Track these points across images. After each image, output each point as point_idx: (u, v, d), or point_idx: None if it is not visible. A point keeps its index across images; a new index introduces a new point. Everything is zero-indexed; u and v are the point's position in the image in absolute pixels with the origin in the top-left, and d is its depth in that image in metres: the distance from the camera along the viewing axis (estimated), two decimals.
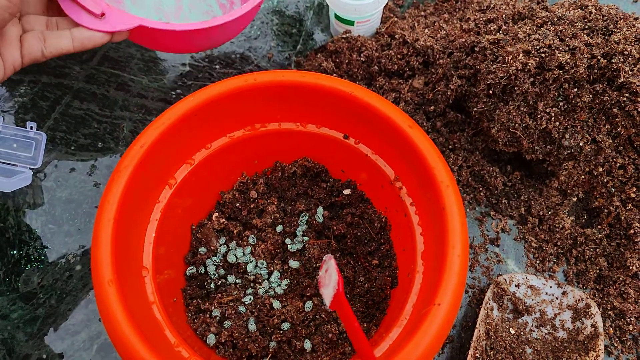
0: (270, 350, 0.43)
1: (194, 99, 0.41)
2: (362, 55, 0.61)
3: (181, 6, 0.61)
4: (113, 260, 0.35)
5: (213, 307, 0.45)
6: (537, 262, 0.55)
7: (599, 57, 0.48)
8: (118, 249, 0.37)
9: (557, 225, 0.56)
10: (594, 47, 0.49)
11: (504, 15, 0.57)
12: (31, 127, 0.58)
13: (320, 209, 0.50)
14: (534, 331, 0.51)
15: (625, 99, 0.48)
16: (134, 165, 0.38)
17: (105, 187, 0.39)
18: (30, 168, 0.58)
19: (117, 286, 0.34)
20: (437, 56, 0.57)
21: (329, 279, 0.36)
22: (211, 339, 0.43)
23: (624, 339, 0.52)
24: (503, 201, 0.58)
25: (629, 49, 0.47)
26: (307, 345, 0.43)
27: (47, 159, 0.60)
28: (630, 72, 0.47)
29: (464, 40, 0.56)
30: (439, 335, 0.33)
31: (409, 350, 0.33)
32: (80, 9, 0.44)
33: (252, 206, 0.50)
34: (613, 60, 0.48)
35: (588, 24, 0.51)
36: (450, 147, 0.58)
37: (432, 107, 0.58)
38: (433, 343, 0.33)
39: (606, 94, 0.49)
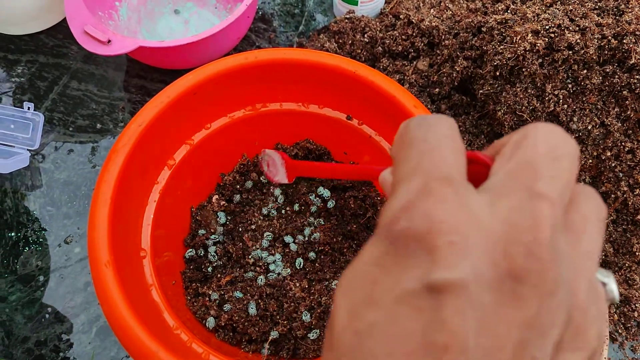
0: (270, 337, 0.42)
1: (194, 76, 0.40)
2: (365, 35, 0.59)
3: (188, 28, 0.66)
4: (110, 242, 0.34)
5: (212, 291, 0.44)
6: None
7: (609, 37, 0.47)
8: (115, 230, 0.36)
9: None
10: (604, 27, 0.47)
11: None
12: (28, 108, 0.57)
13: (321, 189, 0.50)
14: None
15: (636, 81, 0.47)
16: (131, 144, 0.37)
17: (101, 167, 0.38)
18: (27, 149, 0.57)
19: (114, 268, 0.33)
20: (443, 37, 0.56)
21: (274, 166, 0.36)
22: (211, 322, 0.42)
23: (629, 325, 0.51)
24: None
25: None
26: (313, 335, 0.43)
27: (45, 141, 0.59)
28: None
29: (470, 20, 0.55)
30: None
31: None
32: (91, 38, 0.52)
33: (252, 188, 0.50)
34: (624, 41, 0.46)
35: (598, 3, 0.50)
36: None
37: (437, 90, 0.56)
38: None
39: (616, 76, 0.47)
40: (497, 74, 0.51)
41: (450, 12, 0.58)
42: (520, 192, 0.15)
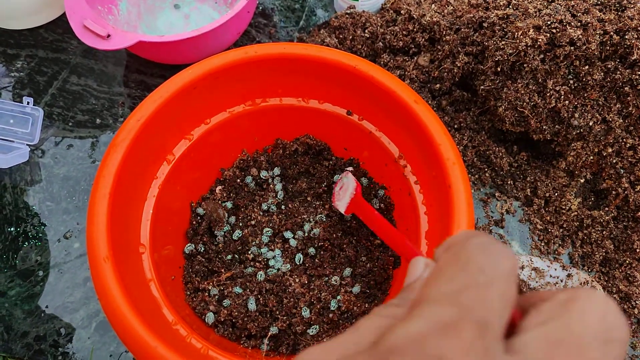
0: (270, 333, 0.42)
1: (193, 71, 0.40)
2: (366, 31, 0.59)
3: (189, 23, 0.65)
4: (109, 237, 0.34)
5: (211, 286, 0.44)
6: (542, 244, 0.54)
7: (611, 33, 0.46)
8: (114, 225, 0.36)
9: (563, 207, 0.55)
10: (606, 23, 0.47)
11: None
12: (28, 103, 0.57)
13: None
14: None
15: (637, 77, 0.47)
16: (130, 139, 0.37)
17: (100, 162, 0.38)
18: (27, 144, 0.57)
19: (113, 263, 0.33)
20: (444, 32, 0.56)
21: (344, 192, 0.36)
22: (210, 317, 0.42)
23: (629, 322, 0.51)
24: (508, 182, 0.57)
25: None
26: (313, 331, 0.42)
27: (45, 135, 0.59)
28: None
29: (471, 15, 0.54)
30: None
31: None
32: (90, 33, 0.51)
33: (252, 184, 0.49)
34: (626, 37, 0.46)
35: None
36: (455, 126, 0.57)
37: (438, 85, 0.56)
38: None
39: (618, 72, 0.47)
40: (498, 69, 0.51)
41: (452, 8, 0.58)
42: None
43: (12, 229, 0.54)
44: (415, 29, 0.58)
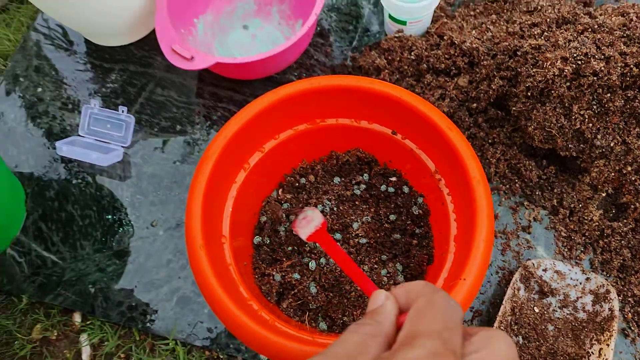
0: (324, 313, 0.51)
1: (269, 98, 0.49)
2: (412, 53, 0.66)
3: (255, 42, 0.75)
4: (203, 229, 0.44)
5: (275, 272, 0.53)
6: (565, 250, 0.60)
7: (631, 66, 0.52)
8: (205, 219, 0.45)
9: (586, 218, 0.60)
10: (627, 56, 0.52)
11: (548, 20, 0.61)
12: (122, 111, 0.67)
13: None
14: (556, 311, 0.56)
15: None
16: (218, 152, 0.47)
17: (195, 169, 0.48)
18: (121, 146, 0.67)
19: (206, 250, 0.43)
20: (482, 57, 0.62)
21: (309, 223, 0.45)
22: (274, 297, 0.51)
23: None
24: (537, 193, 0.62)
25: None
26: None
27: (135, 139, 0.69)
28: None
29: (507, 43, 0.60)
30: (463, 303, 0.40)
31: None
32: (177, 55, 0.61)
33: (310, 188, 0.58)
34: None
35: (627, 32, 0.55)
36: (490, 141, 0.63)
37: (475, 104, 0.63)
38: None
39: (637, 100, 0.52)
40: (529, 93, 0.57)
41: (490, 34, 0.64)
42: None
43: (109, 216, 0.65)
44: (456, 54, 0.64)
